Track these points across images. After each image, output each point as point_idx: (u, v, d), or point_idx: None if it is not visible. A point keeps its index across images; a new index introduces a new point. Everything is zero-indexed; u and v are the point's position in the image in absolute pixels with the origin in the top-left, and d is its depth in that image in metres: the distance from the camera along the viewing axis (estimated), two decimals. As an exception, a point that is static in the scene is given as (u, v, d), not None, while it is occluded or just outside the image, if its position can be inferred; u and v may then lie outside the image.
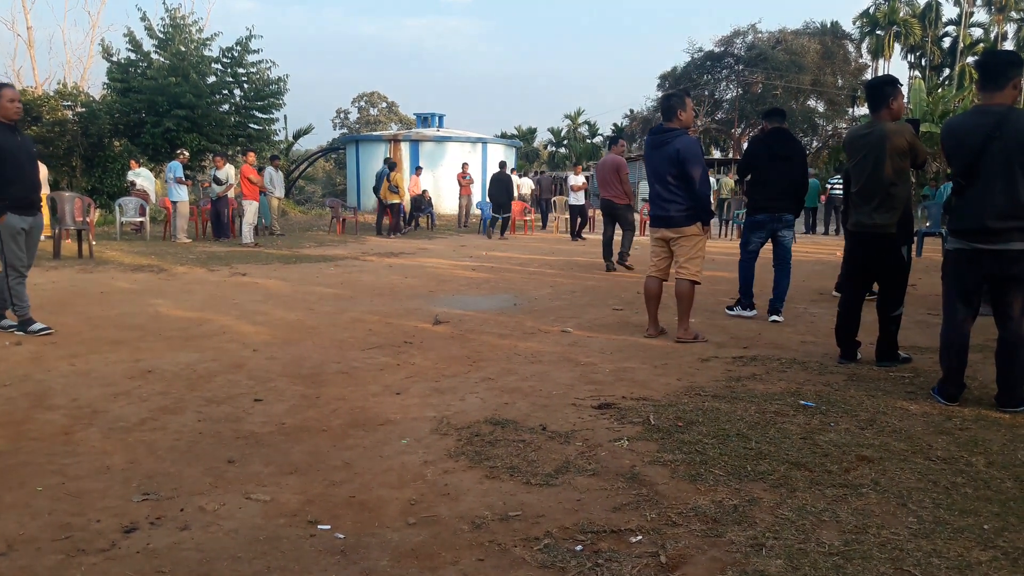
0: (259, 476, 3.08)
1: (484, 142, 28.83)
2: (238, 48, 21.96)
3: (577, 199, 17.29)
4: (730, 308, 7.26)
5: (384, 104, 64.64)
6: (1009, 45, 58.30)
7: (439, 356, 5.24)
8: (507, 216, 17.81)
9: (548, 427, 3.67)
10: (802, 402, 4.08)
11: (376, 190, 18.47)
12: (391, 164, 18.14)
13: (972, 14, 60.42)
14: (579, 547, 2.45)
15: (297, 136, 31.86)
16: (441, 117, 31.32)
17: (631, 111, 55.58)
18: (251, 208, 14.45)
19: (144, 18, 21.14)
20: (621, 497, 2.85)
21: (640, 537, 2.52)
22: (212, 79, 21.76)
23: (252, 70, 22.45)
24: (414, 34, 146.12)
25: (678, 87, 37.23)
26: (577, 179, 17.33)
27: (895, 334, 5.04)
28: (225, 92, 22.38)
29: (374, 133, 37.23)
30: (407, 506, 2.80)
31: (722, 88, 46.60)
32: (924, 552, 2.39)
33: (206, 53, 21.85)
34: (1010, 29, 60.85)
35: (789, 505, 2.76)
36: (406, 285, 9.01)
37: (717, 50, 45.46)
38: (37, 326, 5.75)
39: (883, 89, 4.95)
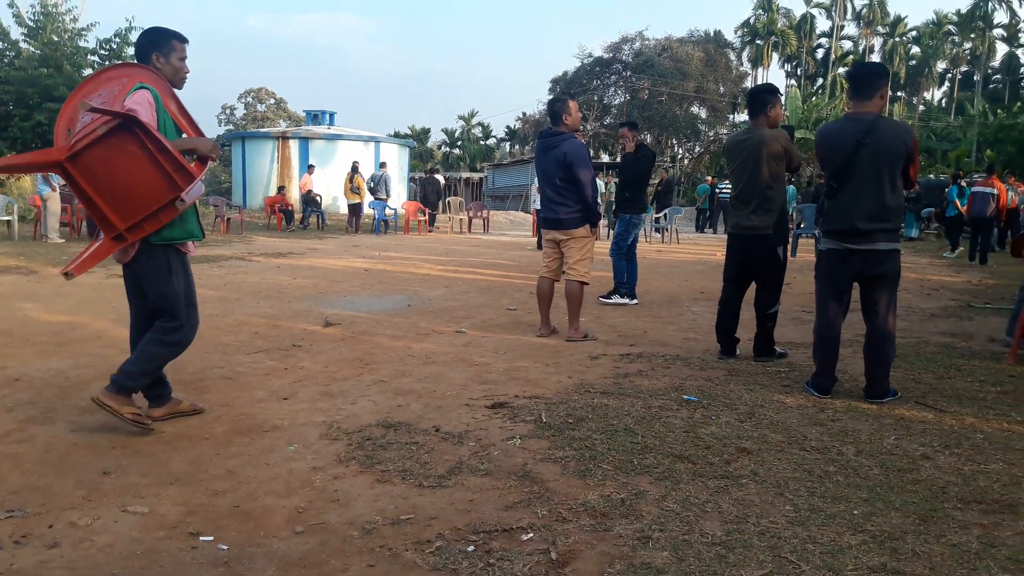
0: (136, 487, 2.93)
1: (377, 141, 28.43)
2: (117, 40, 20.76)
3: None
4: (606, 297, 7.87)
5: (272, 100, 62.84)
6: (876, 57, 62.40)
7: (329, 359, 5.14)
8: (433, 214, 18.57)
9: (441, 428, 3.66)
10: (685, 397, 4.23)
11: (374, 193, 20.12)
12: (354, 167, 19.82)
13: (843, 27, 64.38)
14: (471, 548, 2.46)
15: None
16: (332, 115, 30.67)
17: (524, 113, 56.30)
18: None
19: (12, 4, 19.73)
20: (513, 496, 2.88)
21: (531, 535, 2.55)
22: (88, 71, 20.53)
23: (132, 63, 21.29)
24: (305, 30, 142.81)
25: (567, 91, 37.87)
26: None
27: (772, 331, 5.30)
28: (102, 85, 21.11)
29: (261, 130, 36.07)
30: (294, 514, 2.73)
31: (611, 93, 47.69)
32: (800, 539, 2.52)
33: (81, 44, 20.57)
34: (877, 42, 65.14)
35: (674, 497, 2.86)
36: (295, 286, 8.78)
37: (606, 56, 46.47)
38: None
39: (763, 97, 5.20)
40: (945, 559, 2.37)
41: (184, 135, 3.62)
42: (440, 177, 26.42)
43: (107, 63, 20.80)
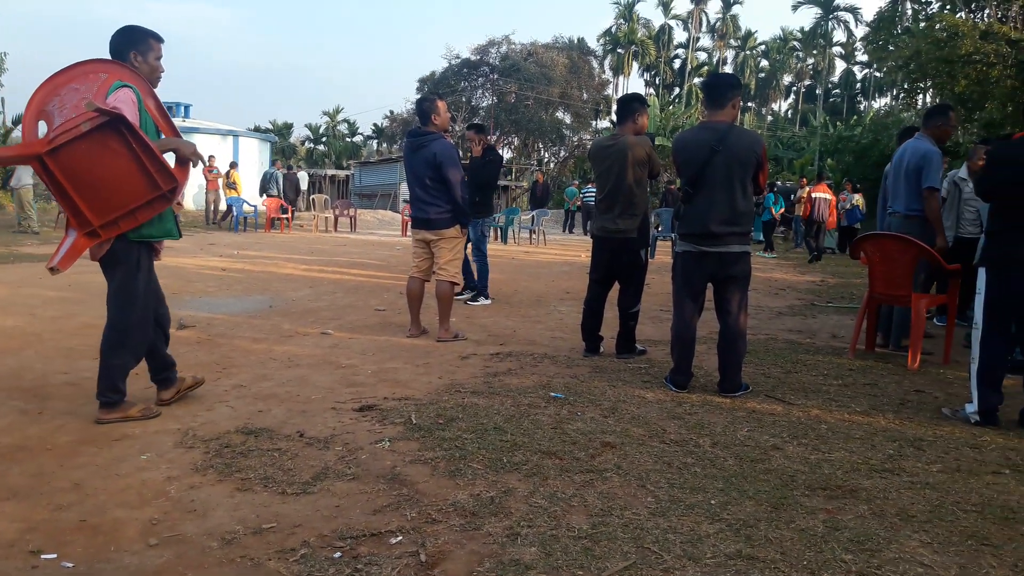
0: (-37, 508, 2.67)
1: (235, 135, 27.27)
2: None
3: None
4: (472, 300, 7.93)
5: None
6: (729, 68, 66.02)
7: (184, 363, 4.84)
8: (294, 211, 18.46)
9: (306, 433, 3.55)
10: (552, 394, 4.31)
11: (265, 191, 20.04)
12: (232, 164, 20.00)
13: (699, 39, 67.72)
14: (338, 554, 2.39)
15: (17, 122, 28.14)
16: (187, 107, 29.16)
17: (391, 112, 55.64)
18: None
19: None
20: (382, 499, 2.83)
21: (400, 538, 2.51)
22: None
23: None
24: (159, 18, 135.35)
25: (435, 91, 37.75)
26: None
27: (633, 329, 5.48)
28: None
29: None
30: (148, 526, 2.56)
31: (478, 95, 47.92)
32: (661, 529, 2.61)
33: None
34: (730, 55, 68.92)
35: (542, 493, 2.89)
36: (147, 287, 8.27)
37: (473, 58, 46.66)
38: None
39: (632, 105, 5.38)
40: (795, 543, 2.52)
41: (162, 135, 3.66)
42: (304, 174, 25.77)
43: None
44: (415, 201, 5.88)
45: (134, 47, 3.61)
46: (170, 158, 3.54)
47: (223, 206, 19.88)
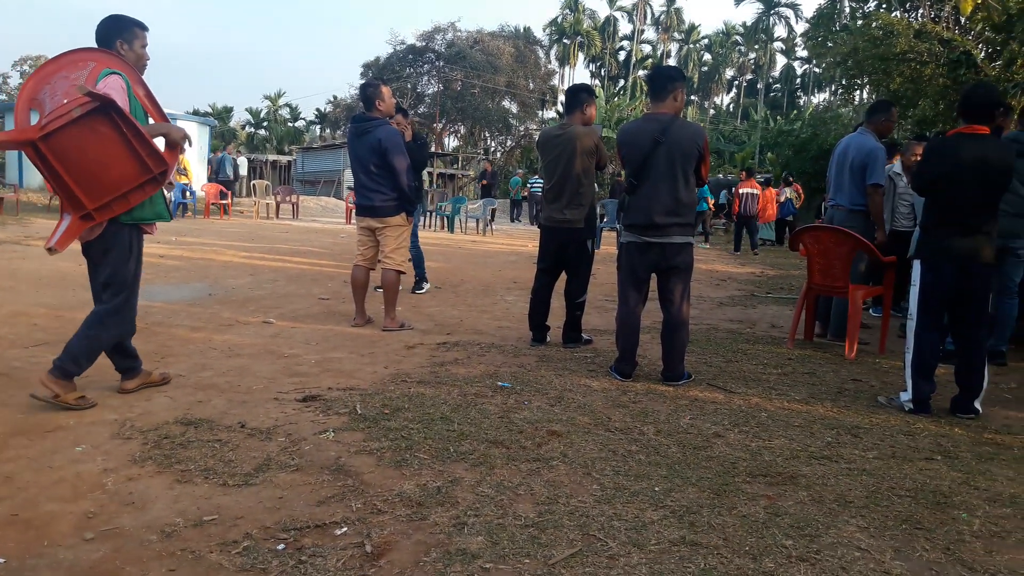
0: None
1: (173, 118, 26.45)
2: None
3: None
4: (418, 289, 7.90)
5: (52, 69, 56.82)
6: (673, 61, 66.83)
7: (121, 352, 4.72)
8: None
9: (247, 424, 3.47)
10: (499, 383, 4.31)
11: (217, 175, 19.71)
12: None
13: (643, 32, 68.39)
14: (281, 546, 2.35)
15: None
16: (123, 88, 28.26)
17: (335, 97, 54.85)
18: None
19: None
20: (326, 490, 2.79)
21: (345, 529, 2.48)
22: None
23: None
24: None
25: (380, 77, 37.27)
26: None
27: (579, 319, 5.52)
28: None
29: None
30: (83, 520, 2.48)
31: (424, 83, 47.50)
32: (607, 516, 2.64)
33: None
34: (674, 48, 69.76)
35: (488, 482, 2.89)
36: (79, 273, 7.96)
37: (419, 44, 46.18)
38: None
39: (581, 95, 5.38)
40: (737, 529, 2.57)
41: (151, 120, 3.75)
42: (244, 159, 25.21)
43: None
44: (360, 188, 5.80)
45: (120, 35, 3.68)
46: (160, 143, 3.62)
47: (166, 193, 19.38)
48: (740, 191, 16.14)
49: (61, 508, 2.57)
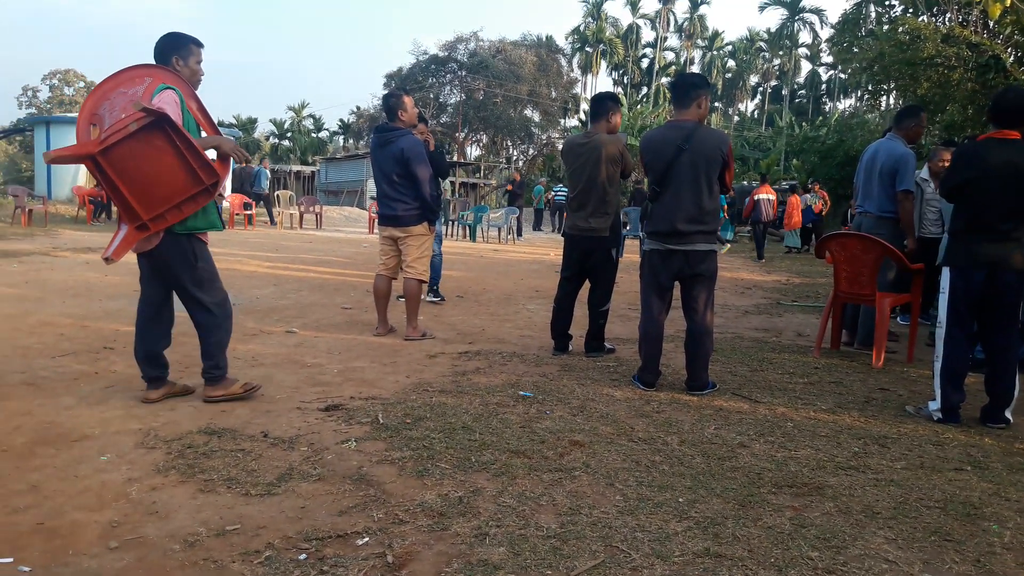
0: (-89, 512, 2.58)
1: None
2: None
3: None
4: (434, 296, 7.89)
5: (81, 83, 57.90)
6: (696, 68, 66.64)
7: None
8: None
9: (271, 433, 3.49)
10: (521, 393, 4.29)
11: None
12: None
13: (666, 39, 68.30)
14: (303, 555, 2.35)
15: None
16: (150, 101, 28.66)
17: (358, 107, 55.29)
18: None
19: None
20: (348, 500, 2.78)
21: (367, 539, 2.48)
22: None
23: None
24: (117, 10, 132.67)
25: (403, 87, 37.51)
26: None
27: (602, 328, 5.48)
28: None
29: (69, 114, 33.02)
30: (108, 529, 2.50)
31: (446, 92, 47.73)
32: (630, 528, 2.61)
33: None
34: (697, 55, 69.56)
35: (510, 492, 2.88)
36: (106, 283, 8.11)
37: (441, 54, 46.43)
38: None
39: (605, 103, 5.37)
40: (762, 541, 2.53)
41: (204, 134, 3.88)
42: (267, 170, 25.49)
43: None
44: (382, 198, 5.82)
45: (176, 52, 3.83)
46: (212, 154, 3.73)
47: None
48: (756, 197, 16.05)
49: (86, 517, 2.59)
